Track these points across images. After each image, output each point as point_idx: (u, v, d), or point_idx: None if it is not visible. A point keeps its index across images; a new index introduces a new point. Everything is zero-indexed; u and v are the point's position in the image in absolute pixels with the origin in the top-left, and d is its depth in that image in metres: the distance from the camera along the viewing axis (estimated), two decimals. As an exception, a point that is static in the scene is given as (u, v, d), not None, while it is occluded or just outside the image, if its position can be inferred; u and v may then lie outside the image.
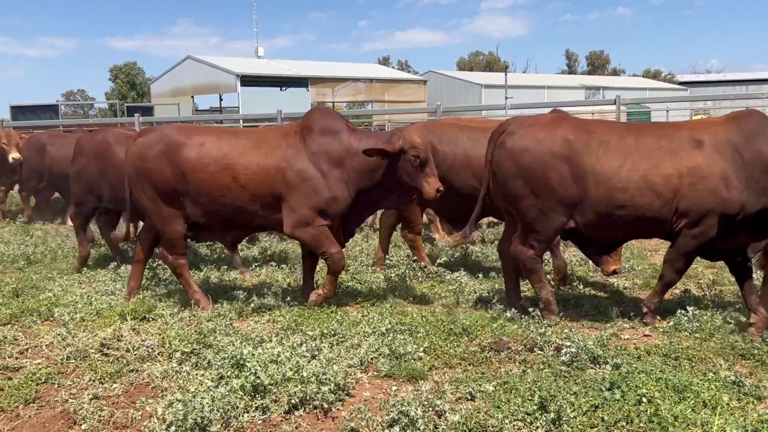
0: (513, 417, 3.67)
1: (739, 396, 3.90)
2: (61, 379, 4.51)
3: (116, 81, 63.17)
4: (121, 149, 7.33)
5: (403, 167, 5.68)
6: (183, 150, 5.75)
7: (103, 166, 7.55)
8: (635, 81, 68.88)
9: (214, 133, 6.03)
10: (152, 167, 5.81)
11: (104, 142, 7.67)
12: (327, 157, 5.70)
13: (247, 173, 5.65)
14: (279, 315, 5.72)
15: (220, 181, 5.68)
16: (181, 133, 5.89)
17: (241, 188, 5.67)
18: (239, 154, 5.70)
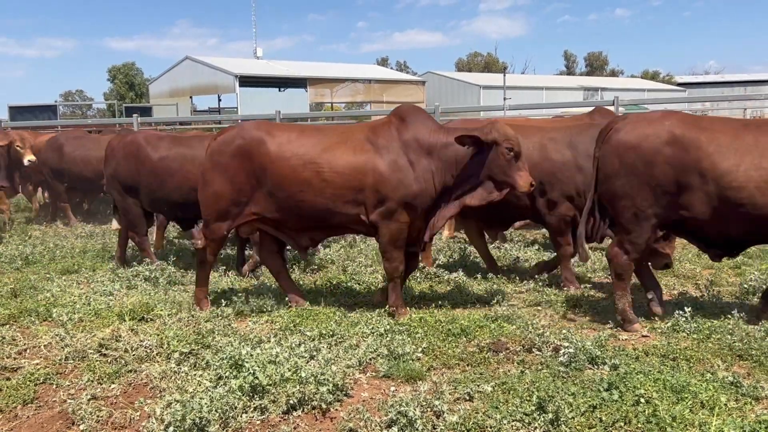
0: (511, 417, 3.67)
1: (737, 396, 3.91)
2: (59, 379, 4.51)
3: (115, 81, 63.17)
4: (152, 150, 7.41)
5: (495, 160, 5.53)
6: (263, 145, 5.67)
7: (135, 168, 7.51)
8: (633, 82, 68.98)
9: (295, 129, 5.99)
10: (230, 163, 5.76)
11: (134, 143, 7.61)
12: (417, 149, 5.60)
13: (332, 168, 5.56)
14: (277, 315, 5.72)
15: (301, 176, 5.58)
16: (261, 128, 5.83)
17: (324, 183, 5.57)
18: (324, 150, 5.61)
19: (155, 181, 7.42)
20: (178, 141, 7.68)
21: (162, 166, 7.38)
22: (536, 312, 5.70)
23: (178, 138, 7.96)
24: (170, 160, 7.37)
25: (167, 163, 7.36)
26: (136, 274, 7.07)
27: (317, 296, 6.36)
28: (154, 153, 7.43)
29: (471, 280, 6.82)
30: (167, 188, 7.38)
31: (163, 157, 7.39)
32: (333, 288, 6.69)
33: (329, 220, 5.77)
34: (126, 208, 7.77)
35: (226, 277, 7.13)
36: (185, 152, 7.38)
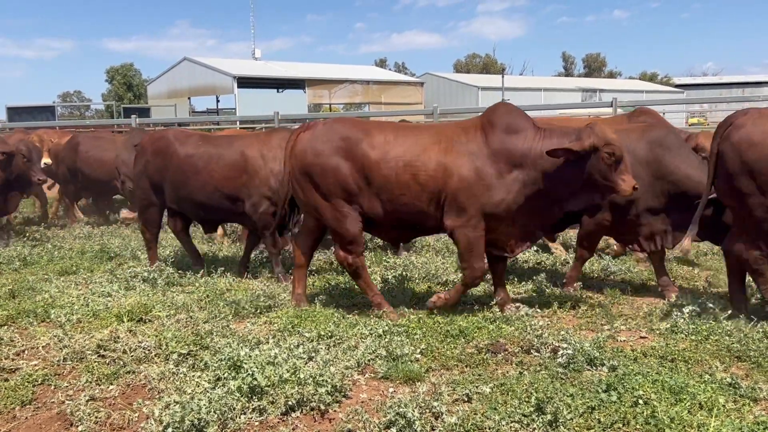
0: (510, 419, 3.67)
1: (736, 398, 3.91)
2: (57, 380, 4.50)
3: (113, 82, 63.17)
4: (181, 147, 7.26)
5: (595, 165, 5.25)
6: (362, 145, 5.52)
7: (164, 165, 7.35)
8: (632, 83, 69.07)
9: (390, 128, 5.82)
10: (327, 163, 5.59)
11: (164, 139, 7.46)
12: (507, 156, 5.37)
13: (426, 170, 5.39)
14: (276, 316, 5.72)
15: (401, 179, 5.43)
16: (357, 128, 5.67)
17: (420, 187, 5.42)
18: (421, 150, 5.45)
19: (180, 179, 7.25)
20: (206, 139, 7.49)
21: (188, 164, 7.20)
22: (534, 313, 5.69)
23: (207, 136, 7.77)
24: (196, 158, 7.19)
25: (193, 161, 7.19)
26: (134, 275, 7.06)
27: (315, 297, 6.37)
28: (182, 150, 7.25)
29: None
30: (191, 187, 7.21)
31: (190, 154, 7.22)
32: (331, 289, 6.68)
33: (423, 223, 5.65)
34: (146, 205, 7.68)
35: (224, 278, 7.12)
36: (212, 151, 7.20)
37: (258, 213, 6.97)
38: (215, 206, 7.21)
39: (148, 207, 7.66)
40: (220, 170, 7.05)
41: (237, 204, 7.09)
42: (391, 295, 6.35)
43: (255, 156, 7.01)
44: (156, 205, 7.59)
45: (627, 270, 7.18)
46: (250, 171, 6.97)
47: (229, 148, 7.14)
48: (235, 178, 7.02)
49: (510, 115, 5.56)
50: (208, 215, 7.47)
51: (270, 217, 6.92)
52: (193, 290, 6.62)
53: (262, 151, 7.02)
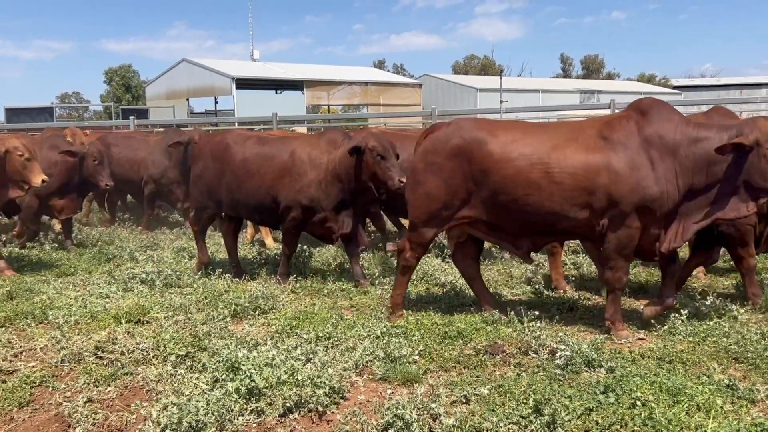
0: (508, 420, 3.68)
1: (733, 399, 3.91)
2: (55, 382, 4.50)
3: (111, 83, 63.04)
4: (239, 150, 7.14)
5: (755, 164, 4.88)
6: (486, 145, 5.28)
7: (221, 169, 7.24)
8: (630, 85, 69.08)
9: (518, 127, 5.54)
10: (447, 163, 5.40)
11: (222, 143, 7.35)
12: (660, 146, 5.02)
13: (562, 168, 5.08)
14: (274, 318, 5.72)
15: (530, 177, 5.14)
16: (482, 127, 5.45)
17: (554, 186, 5.11)
18: (553, 148, 5.14)
19: (236, 182, 7.13)
20: (262, 141, 7.30)
21: (243, 167, 7.08)
22: (533, 315, 5.69)
23: (264, 138, 7.55)
24: (251, 161, 7.05)
25: (248, 164, 7.06)
26: (132, 276, 7.05)
27: (313, 299, 6.38)
28: (239, 153, 7.14)
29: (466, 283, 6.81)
30: (246, 190, 7.08)
31: (246, 158, 7.09)
32: (330, 291, 6.68)
33: (555, 225, 5.29)
34: (202, 209, 7.57)
35: (222, 280, 7.12)
36: (266, 152, 7.05)
37: (288, 218, 6.91)
38: (268, 209, 7.07)
39: (204, 210, 7.55)
40: (271, 172, 6.94)
41: (278, 207, 6.97)
42: (388, 296, 6.35)
43: (302, 158, 6.86)
44: (211, 208, 7.49)
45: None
46: (294, 174, 6.84)
47: (283, 150, 6.99)
48: (282, 179, 6.90)
49: (659, 105, 5.26)
50: (264, 220, 7.40)
51: (297, 224, 6.91)
52: (191, 292, 6.61)
53: (310, 154, 6.87)
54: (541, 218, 5.23)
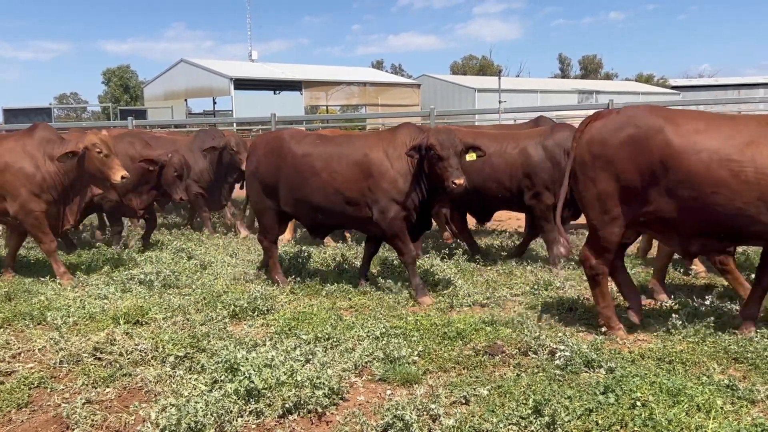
0: (507, 421, 3.67)
1: (733, 400, 3.91)
2: (53, 383, 4.49)
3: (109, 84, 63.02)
4: (297, 146, 6.77)
5: None
6: (662, 135, 4.81)
7: (278, 165, 6.83)
8: (628, 85, 69.14)
9: (701, 117, 5.03)
10: (618, 154, 4.94)
11: (278, 139, 6.97)
12: None
13: (756, 166, 4.60)
14: (273, 319, 5.71)
15: (715, 175, 4.66)
16: (659, 114, 4.96)
17: (744, 186, 4.62)
18: (746, 144, 4.66)
19: (296, 180, 6.73)
20: (325, 138, 6.95)
21: (305, 164, 6.68)
22: (532, 315, 5.69)
23: (325, 135, 7.24)
24: (314, 157, 6.65)
25: (310, 161, 6.67)
26: (130, 277, 7.04)
27: (312, 300, 6.37)
28: (298, 150, 6.74)
29: (467, 283, 6.82)
30: (308, 189, 6.67)
31: (307, 153, 6.69)
32: (329, 291, 6.67)
33: (739, 230, 4.81)
34: (261, 210, 7.20)
35: (221, 280, 7.10)
36: (332, 150, 6.66)
37: (387, 219, 6.40)
38: (335, 210, 6.65)
39: (264, 211, 7.17)
40: (343, 170, 6.53)
41: (360, 209, 6.53)
42: (387, 297, 6.35)
43: (380, 156, 6.46)
44: (271, 208, 7.05)
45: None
46: (376, 173, 6.42)
47: (351, 147, 6.62)
48: (358, 180, 6.49)
49: None
50: (327, 219, 6.92)
51: (400, 223, 6.42)
52: (189, 292, 6.60)
53: (387, 151, 6.47)
54: (727, 220, 4.76)
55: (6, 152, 7.27)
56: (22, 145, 7.32)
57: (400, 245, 6.49)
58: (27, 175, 7.20)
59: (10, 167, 7.21)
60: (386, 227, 6.41)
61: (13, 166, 7.22)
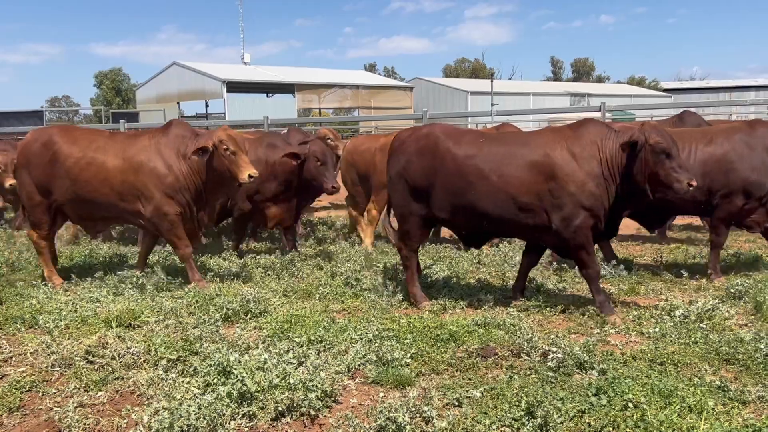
0: (500, 423, 3.68)
1: (725, 401, 3.93)
2: (45, 387, 4.47)
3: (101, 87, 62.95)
4: (456, 146, 6.03)
5: None
6: None
7: (433, 167, 6.11)
8: (620, 88, 69.41)
9: None
10: None
11: (433, 137, 6.20)
12: None
13: None
14: (265, 322, 5.70)
15: None
16: None
17: None
18: None
19: (458, 185, 6.00)
20: (490, 137, 6.21)
21: (469, 166, 5.94)
22: (525, 317, 5.70)
23: (487, 133, 6.58)
24: (480, 159, 5.92)
25: (476, 163, 5.92)
26: (122, 280, 7.02)
27: (305, 302, 6.36)
28: (459, 150, 6.01)
29: (459, 284, 6.82)
30: (473, 194, 5.94)
31: (471, 155, 5.97)
32: (322, 294, 6.66)
33: None
34: (405, 215, 6.42)
35: (213, 283, 7.09)
36: (502, 150, 5.94)
37: (572, 227, 5.73)
38: (506, 219, 5.93)
39: (408, 216, 6.39)
40: (517, 174, 5.82)
41: (536, 216, 5.83)
42: (380, 299, 6.35)
43: (565, 156, 5.76)
44: (418, 214, 6.30)
45: (617, 273, 7.20)
46: (561, 175, 5.71)
47: (523, 147, 5.92)
48: (536, 183, 5.77)
49: None
50: (495, 228, 6.22)
51: (587, 232, 5.77)
52: (182, 295, 6.58)
53: (573, 150, 5.76)
54: None
55: (140, 151, 7.01)
56: (156, 143, 7.05)
57: (585, 257, 5.85)
58: (160, 176, 6.92)
59: (144, 167, 6.94)
60: (570, 236, 5.75)
61: (147, 165, 6.94)
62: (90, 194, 7.06)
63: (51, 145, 7.11)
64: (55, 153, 7.08)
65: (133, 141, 7.16)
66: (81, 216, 7.47)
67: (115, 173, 6.98)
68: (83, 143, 7.11)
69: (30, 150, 7.26)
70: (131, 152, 7.01)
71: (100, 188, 7.01)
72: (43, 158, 7.13)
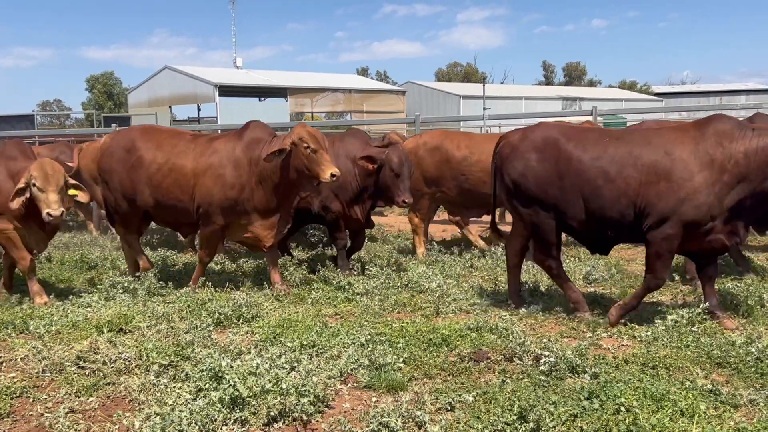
0: (493, 427, 3.68)
1: (716, 404, 3.93)
2: (36, 392, 4.44)
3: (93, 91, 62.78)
4: (579, 148, 5.61)
5: None
6: None
7: (558, 173, 5.67)
8: (611, 92, 69.59)
9: None
10: None
11: (553, 140, 5.76)
12: None
13: None
14: (258, 326, 5.69)
15: None
16: None
17: None
18: None
19: (586, 191, 5.56)
20: (614, 136, 5.72)
21: (595, 169, 5.51)
22: (517, 321, 5.71)
23: (610, 132, 6.03)
24: (607, 161, 5.49)
25: (602, 165, 5.49)
26: (114, 285, 6.99)
27: (297, 307, 6.35)
28: (583, 153, 5.58)
29: (452, 289, 6.82)
30: (601, 200, 5.50)
31: (598, 156, 5.53)
32: (314, 299, 6.65)
33: None
34: (537, 224, 5.91)
35: (204, 288, 7.06)
36: (626, 151, 5.48)
37: (660, 237, 5.37)
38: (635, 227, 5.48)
39: (540, 225, 5.91)
40: (636, 176, 5.39)
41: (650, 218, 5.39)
42: (372, 303, 6.34)
43: (687, 157, 5.30)
44: (550, 221, 5.83)
45: (609, 277, 7.22)
46: (675, 178, 5.29)
47: (647, 147, 5.45)
48: (651, 184, 5.36)
49: None
50: (624, 237, 5.83)
51: (673, 243, 5.38)
52: (173, 300, 6.56)
53: (696, 150, 5.30)
54: None
55: (212, 154, 6.78)
56: (231, 147, 6.78)
57: (658, 266, 5.49)
58: (224, 185, 6.66)
59: (211, 171, 6.72)
60: (657, 242, 5.40)
61: (215, 170, 6.70)
62: (172, 201, 6.92)
63: (134, 150, 6.96)
64: (138, 158, 6.93)
65: (210, 144, 6.92)
66: (166, 222, 7.36)
67: (191, 178, 6.79)
68: (167, 148, 6.92)
69: (112, 155, 7.12)
70: (205, 155, 6.80)
71: (180, 195, 6.86)
72: (127, 164, 6.99)
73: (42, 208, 6.16)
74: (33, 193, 6.21)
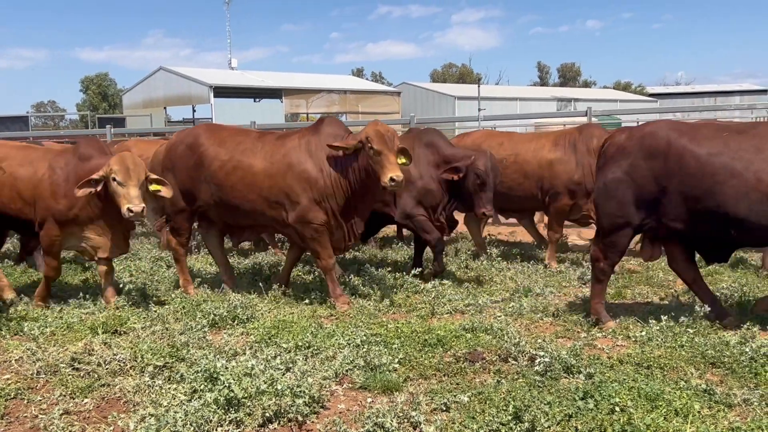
0: (488, 427, 3.68)
1: (710, 404, 3.94)
2: (30, 394, 4.43)
3: (87, 92, 62.67)
4: (693, 144, 5.17)
5: None
6: None
7: (667, 171, 5.23)
8: (606, 93, 69.82)
9: None
10: None
11: (659, 138, 5.33)
12: None
13: None
14: (253, 327, 5.68)
15: None
16: None
17: None
18: None
19: (701, 187, 5.12)
20: (733, 130, 5.32)
21: (715, 165, 5.08)
22: (512, 321, 5.71)
23: (727, 126, 5.60)
24: (729, 157, 5.05)
25: (725, 162, 5.05)
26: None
27: (293, 308, 6.34)
28: (697, 148, 5.16)
29: (447, 289, 6.82)
30: (722, 196, 5.05)
31: (717, 152, 5.10)
32: (309, 300, 6.64)
33: None
34: (620, 224, 5.53)
35: (200, 289, 7.06)
36: (753, 143, 5.08)
37: None
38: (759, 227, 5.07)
39: (622, 228, 5.54)
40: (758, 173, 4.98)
41: None
42: (367, 304, 6.34)
43: None
44: (634, 225, 5.51)
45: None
46: None
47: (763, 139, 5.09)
48: None
49: None
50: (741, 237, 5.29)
51: None
52: (168, 301, 6.55)
53: None
54: None
55: (290, 152, 6.42)
56: (306, 143, 6.44)
57: None
58: (310, 180, 6.30)
59: (293, 169, 6.37)
60: None
61: (297, 167, 6.36)
62: (236, 200, 6.57)
63: (197, 147, 6.73)
64: (200, 156, 6.67)
65: (282, 141, 6.57)
66: (227, 223, 7.01)
67: (262, 177, 6.45)
68: (231, 145, 6.64)
69: (175, 152, 6.86)
70: (280, 153, 6.44)
71: (247, 194, 6.51)
72: (189, 161, 6.73)
73: (122, 204, 5.77)
74: (112, 188, 5.86)
